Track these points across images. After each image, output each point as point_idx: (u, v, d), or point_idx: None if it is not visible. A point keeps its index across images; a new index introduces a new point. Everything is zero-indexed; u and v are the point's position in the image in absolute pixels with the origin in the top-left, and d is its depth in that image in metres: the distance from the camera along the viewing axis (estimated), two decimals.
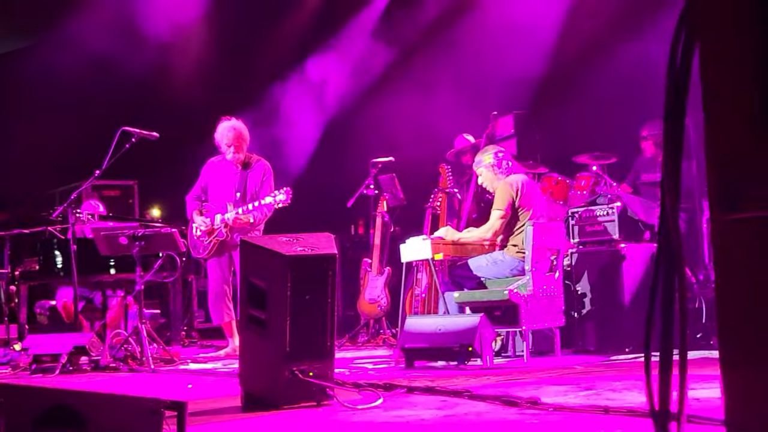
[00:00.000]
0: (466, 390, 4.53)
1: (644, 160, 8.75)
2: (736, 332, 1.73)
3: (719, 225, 1.71)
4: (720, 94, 1.74)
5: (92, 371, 6.89)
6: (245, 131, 7.99)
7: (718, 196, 1.72)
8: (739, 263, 1.68)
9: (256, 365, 4.53)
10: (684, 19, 1.89)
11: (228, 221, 7.76)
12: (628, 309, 7.00)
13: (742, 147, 1.68)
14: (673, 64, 1.94)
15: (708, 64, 1.74)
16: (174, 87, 11.25)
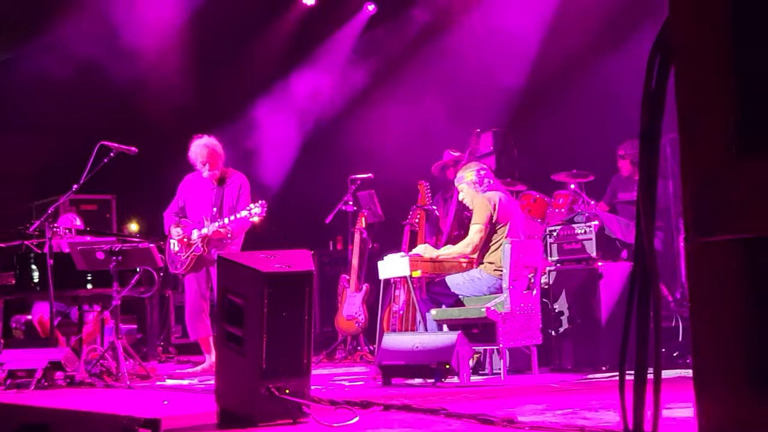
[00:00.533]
0: (442, 408, 4.53)
1: (621, 178, 8.80)
2: (709, 353, 1.73)
3: (693, 247, 1.72)
4: (695, 118, 1.75)
5: (67, 387, 6.83)
6: (219, 148, 7.98)
7: (692, 218, 1.72)
8: (712, 285, 1.69)
9: (233, 382, 4.51)
10: (659, 43, 1.91)
11: (208, 233, 7.73)
12: (605, 327, 7.02)
13: (716, 170, 1.69)
14: (649, 86, 1.96)
15: (683, 87, 1.75)
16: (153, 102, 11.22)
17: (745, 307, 1.65)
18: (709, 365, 1.76)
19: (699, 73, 1.73)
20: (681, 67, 1.77)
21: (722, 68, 1.67)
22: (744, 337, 1.68)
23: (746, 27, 1.64)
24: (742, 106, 1.65)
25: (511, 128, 9.82)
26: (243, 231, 7.85)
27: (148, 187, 11.13)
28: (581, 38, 9.37)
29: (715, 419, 1.74)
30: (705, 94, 1.72)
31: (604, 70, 9.51)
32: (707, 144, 1.71)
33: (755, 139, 1.63)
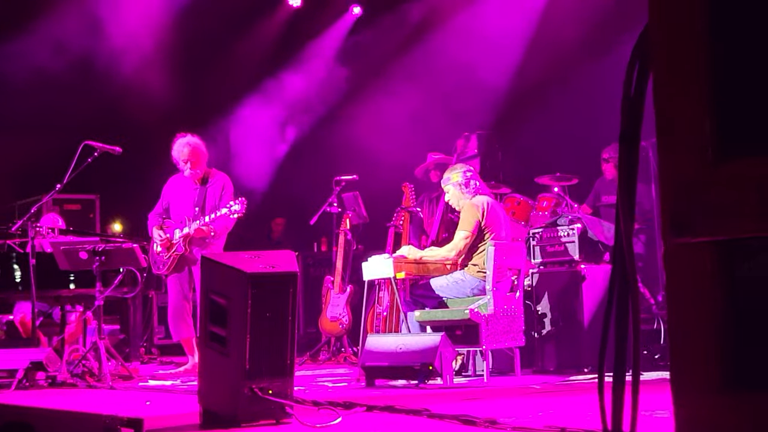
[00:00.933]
0: (425, 408, 4.55)
1: (605, 181, 8.85)
2: (685, 355, 1.76)
3: (670, 249, 1.74)
4: (672, 122, 1.77)
5: (49, 387, 6.80)
6: (202, 147, 7.96)
7: (669, 220, 1.75)
8: (687, 287, 1.72)
9: (216, 382, 4.51)
10: (638, 48, 1.94)
11: (190, 232, 7.72)
12: (587, 329, 7.06)
13: (693, 174, 1.72)
14: (628, 91, 1.99)
15: (661, 92, 1.78)
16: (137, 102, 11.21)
17: (720, 309, 1.68)
18: (685, 366, 1.78)
19: (676, 79, 1.76)
20: (659, 72, 1.79)
21: (699, 74, 1.69)
22: (719, 339, 1.71)
23: (722, 34, 1.66)
24: (718, 112, 1.68)
25: (496, 131, 9.86)
26: (226, 230, 7.84)
27: (132, 188, 11.12)
28: (566, 42, 9.42)
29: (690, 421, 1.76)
30: (682, 100, 1.74)
31: (588, 73, 9.56)
32: (684, 148, 1.74)
33: (731, 144, 1.65)
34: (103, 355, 6.95)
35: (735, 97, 1.66)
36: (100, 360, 6.95)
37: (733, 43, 1.65)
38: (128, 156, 7.89)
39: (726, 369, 1.71)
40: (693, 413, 1.74)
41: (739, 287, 1.69)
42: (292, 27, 12.14)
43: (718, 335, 1.70)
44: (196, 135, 8.05)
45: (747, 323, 1.69)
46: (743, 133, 1.66)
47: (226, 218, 7.60)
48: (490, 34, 10.11)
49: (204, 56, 11.88)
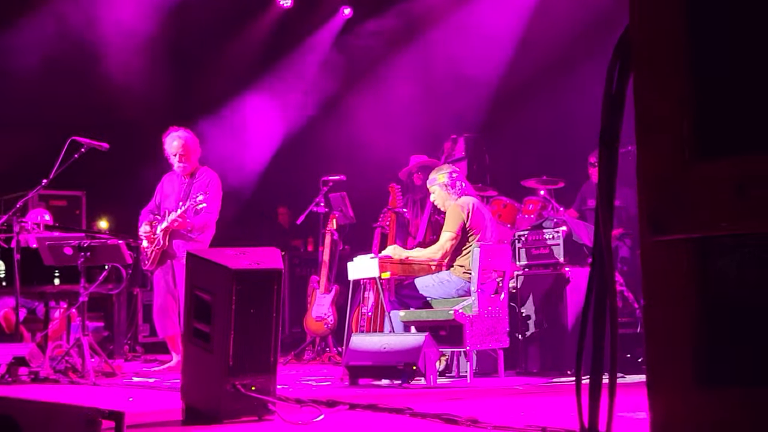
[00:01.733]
0: (407, 407, 4.56)
1: (591, 185, 8.88)
2: (661, 354, 1.78)
3: (647, 246, 1.76)
4: (651, 122, 1.79)
5: (32, 383, 6.78)
6: (192, 141, 7.93)
7: (646, 217, 1.77)
8: (664, 284, 1.74)
9: (199, 378, 4.52)
10: (620, 48, 1.96)
11: (168, 225, 7.70)
12: (571, 332, 7.08)
13: (670, 171, 1.74)
14: (609, 90, 2.01)
15: (640, 92, 1.80)
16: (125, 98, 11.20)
17: (694, 306, 1.70)
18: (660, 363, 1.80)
19: (655, 78, 1.78)
20: (639, 72, 1.82)
21: (677, 75, 1.72)
22: (693, 336, 1.73)
23: (701, 35, 1.69)
24: (696, 112, 1.70)
25: (483, 134, 9.89)
26: (207, 226, 7.79)
27: (119, 185, 11.10)
28: (554, 46, 9.46)
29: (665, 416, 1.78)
30: (660, 99, 1.77)
31: (576, 77, 9.60)
32: (662, 147, 1.76)
33: (707, 143, 1.68)
34: (87, 351, 6.94)
35: (713, 97, 1.68)
36: (83, 356, 6.94)
37: (711, 44, 1.68)
38: (115, 153, 7.87)
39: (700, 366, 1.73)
40: (668, 409, 1.76)
41: (714, 285, 1.71)
42: (282, 27, 12.14)
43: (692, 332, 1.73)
44: (189, 130, 8.03)
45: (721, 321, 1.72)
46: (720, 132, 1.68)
47: (193, 211, 7.56)
48: (477, 37, 10.15)
49: (194, 54, 11.88)
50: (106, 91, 10.90)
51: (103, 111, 10.91)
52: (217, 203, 7.87)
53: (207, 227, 7.81)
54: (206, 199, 7.52)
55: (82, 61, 10.61)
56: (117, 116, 10.91)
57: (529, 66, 9.75)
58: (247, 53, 12.00)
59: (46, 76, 10.48)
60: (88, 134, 7.64)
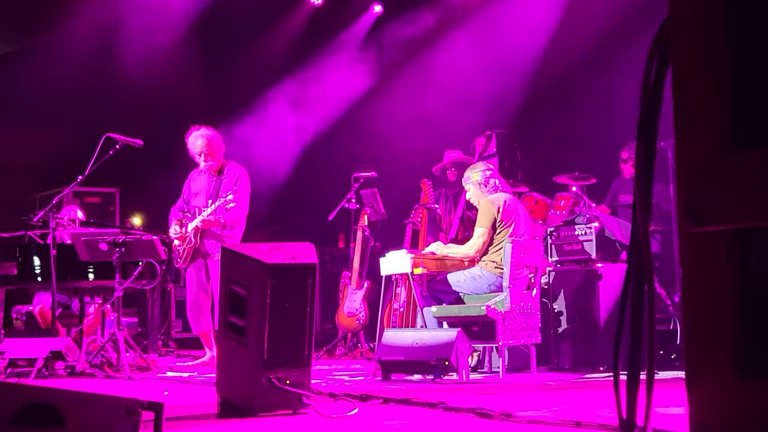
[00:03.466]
0: (441, 402, 4.58)
1: (623, 181, 8.85)
2: (700, 342, 1.78)
3: (685, 238, 1.77)
4: (690, 113, 1.80)
5: (68, 376, 6.88)
6: (216, 139, 7.97)
7: (685, 210, 1.77)
8: (702, 276, 1.74)
9: (234, 372, 4.56)
10: (658, 40, 1.97)
11: (198, 225, 7.77)
12: (603, 328, 7.07)
13: (709, 163, 1.74)
14: (647, 81, 2.01)
15: (679, 83, 1.81)
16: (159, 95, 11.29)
17: (733, 297, 1.71)
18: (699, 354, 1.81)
19: (694, 69, 1.78)
20: (678, 63, 1.82)
21: (717, 65, 1.72)
22: (732, 326, 1.73)
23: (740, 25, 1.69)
24: (735, 102, 1.70)
25: (515, 130, 9.87)
26: (237, 221, 7.85)
27: (151, 181, 11.19)
28: (585, 41, 9.42)
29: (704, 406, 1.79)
30: (700, 90, 1.77)
31: (608, 72, 9.56)
32: (701, 138, 1.76)
33: (747, 134, 1.68)
34: (122, 346, 7.01)
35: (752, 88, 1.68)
36: (118, 351, 7.02)
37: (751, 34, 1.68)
38: (148, 150, 7.95)
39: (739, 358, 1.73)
40: (706, 399, 1.77)
41: (753, 276, 1.71)
42: (313, 25, 12.19)
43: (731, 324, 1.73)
44: (211, 127, 8.07)
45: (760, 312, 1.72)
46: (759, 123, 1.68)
47: (223, 209, 7.62)
48: (510, 32, 10.12)
49: (226, 52, 11.95)
50: (139, 88, 10.98)
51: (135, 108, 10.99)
52: (246, 199, 7.92)
53: (237, 223, 7.86)
54: (235, 197, 7.57)
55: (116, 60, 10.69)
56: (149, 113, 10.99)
57: (561, 62, 9.72)
58: (278, 50, 12.05)
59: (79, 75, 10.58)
60: (122, 131, 7.71)
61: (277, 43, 12.10)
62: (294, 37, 12.19)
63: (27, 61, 10.95)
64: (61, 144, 11.30)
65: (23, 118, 11.55)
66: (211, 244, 7.82)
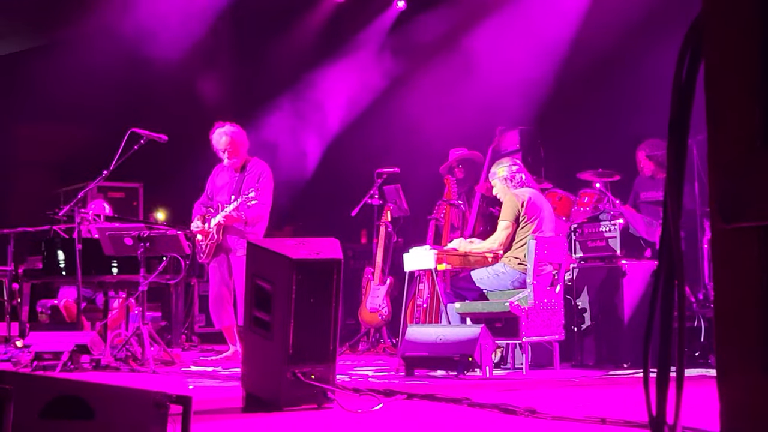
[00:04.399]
0: (465, 397, 4.58)
1: (643, 179, 8.81)
2: (731, 338, 1.78)
3: (717, 234, 1.77)
4: (723, 110, 1.79)
5: (93, 370, 6.92)
6: (240, 135, 7.99)
7: (717, 206, 1.77)
8: (734, 272, 1.74)
9: (259, 366, 4.58)
10: (691, 36, 1.96)
11: (220, 221, 7.80)
12: (627, 325, 7.04)
13: (741, 160, 1.74)
14: (679, 78, 2.01)
15: (712, 80, 1.80)
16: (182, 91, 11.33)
17: (765, 293, 1.70)
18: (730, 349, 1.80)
19: (727, 66, 1.78)
20: (710, 59, 1.82)
21: (750, 61, 1.71)
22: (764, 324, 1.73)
23: None
24: None
25: (538, 126, 9.84)
26: (260, 218, 7.87)
27: (176, 177, 11.24)
28: (611, 37, 9.37)
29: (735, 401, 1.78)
30: (732, 88, 1.77)
31: (632, 69, 9.52)
32: (733, 135, 1.76)
33: None
34: (146, 340, 7.05)
35: None
36: (143, 345, 7.06)
37: None
38: (172, 145, 7.98)
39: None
40: (738, 394, 1.76)
41: None
42: (335, 20, 12.19)
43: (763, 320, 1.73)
44: (235, 124, 8.09)
45: None
46: None
47: (246, 206, 7.65)
48: (535, 28, 10.09)
49: (250, 48, 11.98)
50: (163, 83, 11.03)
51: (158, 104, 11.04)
52: (269, 195, 7.94)
53: (259, 220, 7.89)
54: (257, 194, 7.60)
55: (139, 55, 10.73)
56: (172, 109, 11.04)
57: (585, 58, 9.67)
58: (301, 46, 12.07)
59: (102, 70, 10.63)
60: (145, 126, 7.75)
61: (300, 39, 12.12)
62: (318, 32, 12.20)
63: (51, 56, 11.01)
64: (85, 139, 11.39)
65: (47, 113, 11.63)
66: (233, 240, 7.85)
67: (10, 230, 9.43)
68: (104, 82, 10.77)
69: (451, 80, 10.75)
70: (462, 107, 10.25)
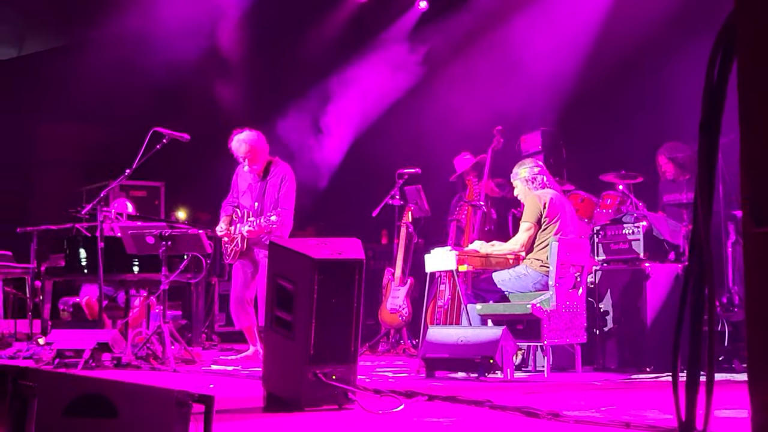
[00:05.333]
0: (487, 400, 4.56)
1: (665, 182, 8.76)
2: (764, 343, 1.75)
3: (750, 237, 1.74)
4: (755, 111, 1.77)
5: (114, 368, 6.95)
6: (259, 141, 7.92)
7: (750, 208, 1.74)
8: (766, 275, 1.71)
9: (280, 366, 4.57)
10: (722, 37, 1.93)
11: (244, 234, 7.82)
12: (650, 328, 6.99)
13: None
14: (710, 80, 1.98)
15: (746, 78, 1.77)
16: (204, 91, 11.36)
17: None
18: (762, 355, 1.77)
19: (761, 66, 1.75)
20: (742, 59, 1.79)
21: None
22: None
23: None
24: None
25: (560, 127, 9.81)
26: (284, 225, 7.86)
27: (197, 176, 11.27)
28: (635, 39, 9.32)
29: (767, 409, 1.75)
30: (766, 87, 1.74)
31: (655, 69, 9.47)
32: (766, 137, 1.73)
33: None
34: (167, 338, 7.07)
35: None
36: (164, 343, 7.07)
37: None
38: (193, 144, 7.99)
39: None
40: None
41: None
42: (358, 20, 12.19)
43: None
44: (253, 129, 8.04)
45: None
46: None
47: (267, 227, 7.64)
48: (557, 29, 10.05)
49: (271, 48, 12.00)
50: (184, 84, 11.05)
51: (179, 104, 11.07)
52: (291, 199, 7.93)
53: (284, 225, 7.88)
54: (278, 212, 7.62)
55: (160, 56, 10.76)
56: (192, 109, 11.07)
57: (607, 59, 9.62)
58: (323, 46, 12.07)
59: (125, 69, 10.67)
60: (166, 126, 7.76)
61: (322, 39, 12.13)
62: (340, 32, 12.20)
63: (74, 56, 11.06)
64: (107, 138, 11.43)
65: (70, 112, 11.69)
66: (257, 250, 7.87)
67: (33, 228, 9.48)
68: (126, 81, 10.81)
69: (472, 81, 10.72)
70: (484, 108, 10.21)
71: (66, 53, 11.51)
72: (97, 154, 11.60)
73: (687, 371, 2.00)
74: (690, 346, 2.02)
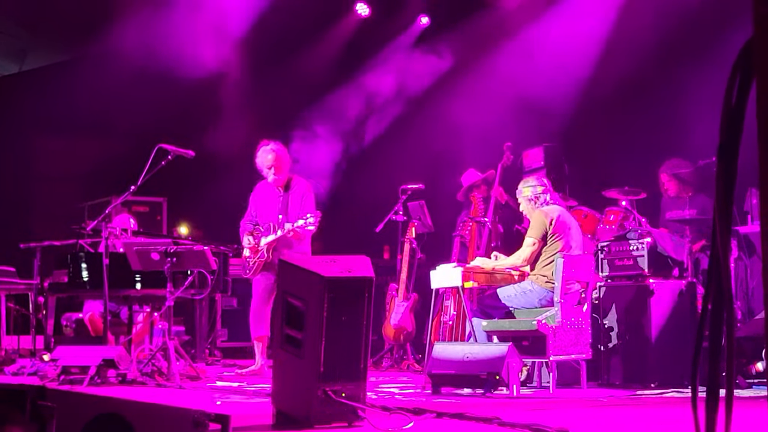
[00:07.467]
0: (495, 417, 4.56)
1: (668, 199, 8.79)
2: None
3: None
4: None
5: (119, 384, 6.93)
6: (283, 152, 8.10)
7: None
8: None
9: (290, 384, 4.58)
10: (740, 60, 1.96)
11: (270, 242, 7.86)
12: (654, 344, 7.01)
13: None
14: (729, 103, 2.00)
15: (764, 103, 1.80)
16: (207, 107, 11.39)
17: None
18: None
19: None
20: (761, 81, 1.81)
21: None
22: None
23: None
24: None
25: (563, 143, 9.83)
26: (308, 232, 7.91)
27: (199, 191, 11.29)
28: (637, 55, 9.36)
29: None
30: None
31: (658, 88, 9.51)
32: None
33: None
34: (173, 355, 7.07)
35: None
36: (169, 360, 7.07)
37: None
38: (196, 160, 8.02)
39: None
40: None
41: None
42: (360, 36, 12.23)
43: None
44: (279, 142, 8.18)
45: None
46: None
47: (303, 229, 7.71)
48: (560, 45, 10.10)
49: (273, 63, 12.02)
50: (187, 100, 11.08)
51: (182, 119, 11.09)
52: None
53: (306, 236, 7.92)
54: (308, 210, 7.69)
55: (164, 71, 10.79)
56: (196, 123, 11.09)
57: (610, 75, 9.66)
58: (325, 62, 12.11)
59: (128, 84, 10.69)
60: (168, 141, 7.78)
61: (324, 55, 12.16)
62: (341, 48, 12.24)
63: (77, 70, 11.09)
64: (109, 153, 11.44)
65: (72, 127, 11.71)
66: None
67: (36, 244, 9.48)
68: (128, 97, 10.83)
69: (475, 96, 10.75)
70: (487, 124, 10.24)
71: (69, 68, 11.54)
72: (99, 169, 11.61)
73: (707, 389, 2.01)
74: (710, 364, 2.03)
